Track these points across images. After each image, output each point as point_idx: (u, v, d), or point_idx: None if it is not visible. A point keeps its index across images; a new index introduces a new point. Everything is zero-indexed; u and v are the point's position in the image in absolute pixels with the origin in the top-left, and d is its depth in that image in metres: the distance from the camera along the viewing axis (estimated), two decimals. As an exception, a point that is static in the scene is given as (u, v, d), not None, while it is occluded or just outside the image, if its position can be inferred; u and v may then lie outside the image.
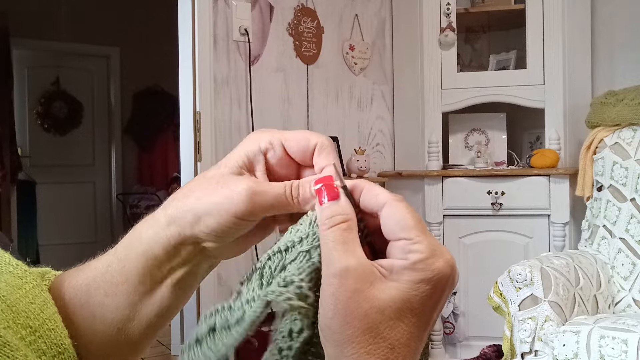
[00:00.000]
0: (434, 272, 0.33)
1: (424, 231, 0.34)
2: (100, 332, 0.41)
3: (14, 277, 0.39)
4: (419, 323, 0.33)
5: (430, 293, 0.33)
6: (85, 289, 0.42)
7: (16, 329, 0.36)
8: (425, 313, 0.33)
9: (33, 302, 0.38)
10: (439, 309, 0.34)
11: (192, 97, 2.49)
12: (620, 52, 2.84)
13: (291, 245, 0.36)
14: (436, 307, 0.34)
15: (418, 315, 0.33)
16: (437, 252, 0.34)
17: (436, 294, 0.33)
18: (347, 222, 0.34)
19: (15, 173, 4.53)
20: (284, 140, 0.41)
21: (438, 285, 0.33)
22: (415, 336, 0.33)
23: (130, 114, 5.67)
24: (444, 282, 0.33)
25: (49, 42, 5.16)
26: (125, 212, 5.44)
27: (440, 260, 0.33)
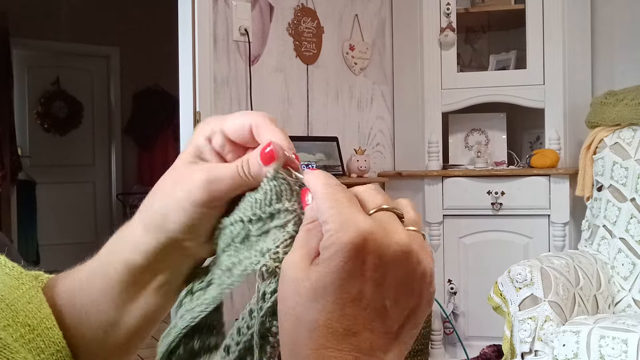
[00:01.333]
0: (341, 245, 0.31)
1: (336, 204, 0.32)
2: (88, 334, 0.42)
3: (10, 278, 0.40)
4: (339, 301, 0.31)
5: (341, 266, 0.31)
6: (72, 294, 0.42)
7: (15, 327, 0.37)
8: (344, 288, 0.31)
9: (30, 302, 0.39)
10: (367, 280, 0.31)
11: (192, 97, 2.49)
12: (620, 52, 2.84)
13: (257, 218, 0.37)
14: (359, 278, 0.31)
15: (334, 292, 0.31)
16: (346, 224, 0.31)
17: (350, 264, 0.31)
18: (312, 222, 0.34)
19: (15, 173, 4.54)
20: (223, 126, 0.41)
21: (349, 257, 0.31)
22: (337, 315, 0.31)
23: (130, 114, 5.67)
24: (357, 251, 0.31)
25: (49, 42, 5.16)
26: (125, 212, 5.44)
27: (349, 232, 0.31)
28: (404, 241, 0.32)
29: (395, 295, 0.32)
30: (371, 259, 0.31)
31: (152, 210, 0.41)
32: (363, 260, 0.31)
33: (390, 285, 0.32)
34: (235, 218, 0.38)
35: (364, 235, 0.31)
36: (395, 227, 0.33)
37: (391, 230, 0.32)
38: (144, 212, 0.42)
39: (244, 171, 0.38)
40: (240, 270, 0.36)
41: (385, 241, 0.31)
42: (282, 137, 0.39)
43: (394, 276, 0.32)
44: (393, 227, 0.32)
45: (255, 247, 0.36)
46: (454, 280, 2.79)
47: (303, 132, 2.85)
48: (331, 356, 0.31)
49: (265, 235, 0.36)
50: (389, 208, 0.34)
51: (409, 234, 0.33)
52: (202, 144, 0.41)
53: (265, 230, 0.36)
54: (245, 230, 0.37)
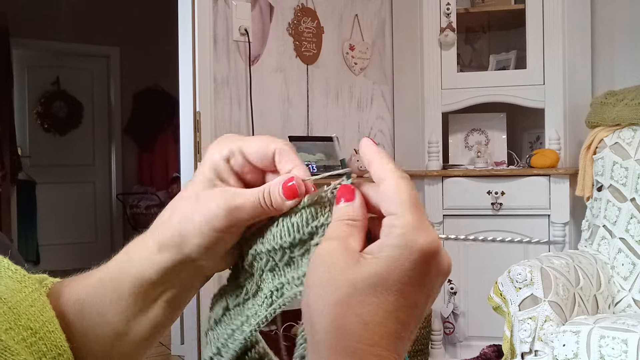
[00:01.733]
0: (412, 247, 0.31)
1: (413, 206, 0.32)
2: (95, 344, 0.42)
3: (13, 281, 0.40)
4: (397, 303, 0.31)
5: (409, 270, 0.31)
6: (80, 307, 0.42)
7: (18, 330, 0.37)
8: (405, 292, 0.31)
9: (33, 305, 0.39)
10: (424, 291, 0.32)
11: (192, 97, 2.49)
12: (620, 52, 2.84)
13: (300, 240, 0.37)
14: (419, 287, 0.31)
15: (395, 293, 0.31)
16: (420, 228, 0.31)
17: (417, 272, 0.31)
18: (353, 221, 0.34)
19: (15, 173, 4.54)
20: (243, 147, 0.41)
21: (419, 263, 0.31)
22: (393, 316, 0.31)
23: (130, 114, 5.67)
24: (426, 261, 0.31)
25: (49, 42, 5.16)
26: (125, 212, 5.44)
27: (422, 237, 0.31)
28: (450, 262, 0.33)
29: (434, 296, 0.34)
30: (433, 273, 0.32)
31: (169, 230, 0.41)
32: (428, 271, 0.31)
33: (433, 295, 0.33)
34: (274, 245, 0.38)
35: (437, 247, 0.31)
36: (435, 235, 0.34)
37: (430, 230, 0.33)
38: (160, 231, 0.41)
39: (265, 203, 0.38)
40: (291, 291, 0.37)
41: (447, 259, 0.33)
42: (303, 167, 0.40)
43: (438, 289, 0.33)
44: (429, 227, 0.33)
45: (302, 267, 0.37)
46: (454, 280, 2.79)
47: (303, 132, 2.85)
48: (383, 355, 0.31)
49: (308, 254, 0.37)
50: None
51: None
52: (221, 164, 0.41)
53: (307, 249, 0.37)
54: (288, 255, 0.38)
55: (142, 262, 0.41)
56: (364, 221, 0.35)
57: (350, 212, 0.35)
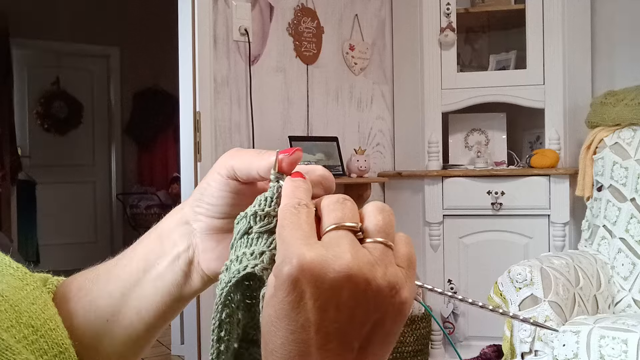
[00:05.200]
0: (281, 279, 0.32)
1: (288, 226, 0.34)
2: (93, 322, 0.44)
3: (15, 279, 0.41)
4: (289, 327, 0.32)
5: (284, 300, 0.32)
6: (96, 278, 0.45)
7: (19, 327, 0.37)
8: (290, 318, 0.32)
9: (34, 303, 0.40)
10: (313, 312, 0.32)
11: (192, 97, 2.48)
12: (620, 52, 2.84)
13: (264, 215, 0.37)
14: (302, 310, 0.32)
15: (284, 320, 0.32)
16: (287, 255, 0.32)
17: (291, 299, 0.32)
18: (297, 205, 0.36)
19: (15, 173, 4.54)
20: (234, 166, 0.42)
21: (290, 292, 0.32)
22: (291, 340, 0.32)
23: (130, 114, 5.67)
24: (295, 287, 0.32)
25: (49, 42, 5.16)
26: (125, 212, 5.44)
27: (288, 265, 0.32)
28: (343, 267, 0.31)
29: (348, 316, 0.32)
30: (310, 290, 0.31)
31: None
32: (302, 292, 0.32)
33: (338, 309, 0.32)
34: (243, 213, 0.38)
35: (301, 267, 0.31)
36: (340, 250, 0.32)
37: (334, 256, 0.32)
38: None
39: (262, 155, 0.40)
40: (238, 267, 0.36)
41: (322, 271, 0.31)
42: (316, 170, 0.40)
43: (339, 300, 0.32)
44: (337, 251, 0.32)
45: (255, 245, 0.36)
46: (454, 280, 2.79)
47: (303, 132, 2.85)
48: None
49: (268, 235, 0.36)
50: (341, 226, 0.34)
51: (355, 255, 0.32)
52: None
53: (269, 230, 0.36)
54: (247, 226, 0.37)
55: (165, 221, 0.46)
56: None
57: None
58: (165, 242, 0.44)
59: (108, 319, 0.44)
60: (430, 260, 2.83)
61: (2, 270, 0.41)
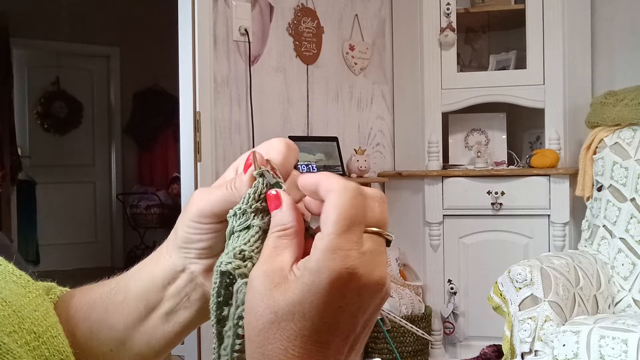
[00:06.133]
0: (323, 274, 0.31)
1: (341, 227, 0.31)
2: (95, 349, 0.43)
3: (17, 286, 0.41)
4: (314, 326, 0.31)
5: (322, 296, 0.31)
6: (91, 304, 0.44)
7: (21, 333, 0.37)
8: (322, 316, 0.31)
9: (36, 310, 0.40)
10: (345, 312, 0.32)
11: (192, 97, 2.48)
12: (620, 52, 2.84)
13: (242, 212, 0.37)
14: (336, 310, 0.31)
15: (312, 318, 0.31)
16: (337, 252, 0.31)
17: (331, 297, 0.31)
18: (283, 230, 0.34)
19: (15, 173, 4.54)
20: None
21: (331, 289, 0.31)
22: (312, 339, 0.31)
23: (130, 114, 5.67)
24: (339, 286, 0.31)
25: (49, 42, 5.16)
26: (125, 212, 5.44)
27: (336, 261, 0.31)
28: (383, 279, 0.32)
29: (366, 321, 0.33)
30: (351, 295, 0.31)
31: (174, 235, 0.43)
32: (343, 295, 0.31)
33: (362, 314, 0.33)
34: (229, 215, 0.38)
35: (352, 272, 0.31)
36: (381, 260, 0.33)
37: (376, 265, 0.32)
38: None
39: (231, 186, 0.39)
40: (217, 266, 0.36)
41: (368, 280, 0.32)
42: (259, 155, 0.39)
43: (367, 307, 0.33)
44: (378, 261, 0.33)
45: (234, 242, 0.36)
46: (454, 280, 2.79)
47: (303, 132, 2.85)
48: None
49: (245, 231, 0.36)
50: (384, 234, 0.34)
51: (385, 265, 0.33)
52: None
53: (247, 226, 0.36)
54: (231, 225, 0.37)
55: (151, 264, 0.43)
56: (296, 224, 0.34)
57: (278, 220, 0.35)
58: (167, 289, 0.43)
59: (112, 348, 0.44)
60: (430, 260, 2.83)
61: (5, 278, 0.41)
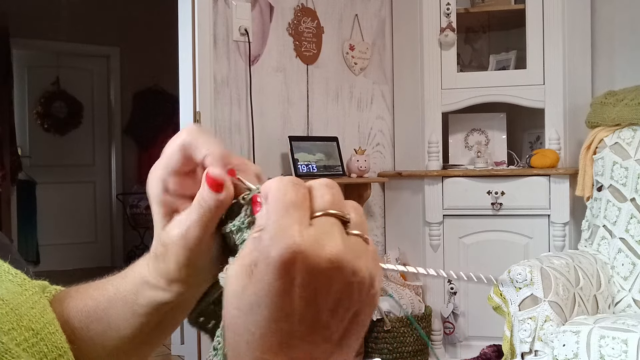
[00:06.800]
0: (266, 260, 0.30)
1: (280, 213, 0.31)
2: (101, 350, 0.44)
3: (14, 285, 0.42)
4: (273, 315, 0.30)
5: (271, 284, 0.30)
6: (86, 317, 0.44)
7: (20, 330, 0.38)
8: (277, 304, 0.30)
9: (34, 307, 0.40)
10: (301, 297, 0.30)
11: (192, 97, 2.49)
12: (620, 52, 2.84)
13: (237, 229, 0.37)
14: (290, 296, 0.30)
15: (268, 307, 0.30)
16: (276, 238, 0.30)
17: (280, 283, 0.30)
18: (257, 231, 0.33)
19: (15, 173, 4.54)
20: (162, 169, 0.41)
21: (279, 277, 0.30)
22: (273, 328, 0.31)
23: (130, 114, 5.67)
24: (284, 270, 0.30)
25: (49, 42, 5.16)
26: (125, 212, 5.44)
27: (276, 247, 0.30)
28: (336, 256, 0.30)
29: (332, 307, 0.31)
30: (300, 276, 0.30)
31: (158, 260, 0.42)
32: (292, 278, 0.30)
33: (324, 299, 0.31)
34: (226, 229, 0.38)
35: (293, 251, 0.30)
36: (332, 238, 0.31)
37: (326, 243, 0.31)
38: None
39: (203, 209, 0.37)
40: None
41: (315, 258, 0.30)
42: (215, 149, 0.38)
43: (328, 290, 0.31)
44: (329, 239, 0.31)
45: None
46: (454, 280, 2.79)
47: (303, 132, 2.85)
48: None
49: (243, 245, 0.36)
50: (334, 213, 0.32)
51: (346, 244, 0.31)
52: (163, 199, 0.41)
53: (243, 240, 0.36)
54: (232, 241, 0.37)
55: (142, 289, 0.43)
56: None
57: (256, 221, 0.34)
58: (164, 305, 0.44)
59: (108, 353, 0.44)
60: (430, 260, 2.83)
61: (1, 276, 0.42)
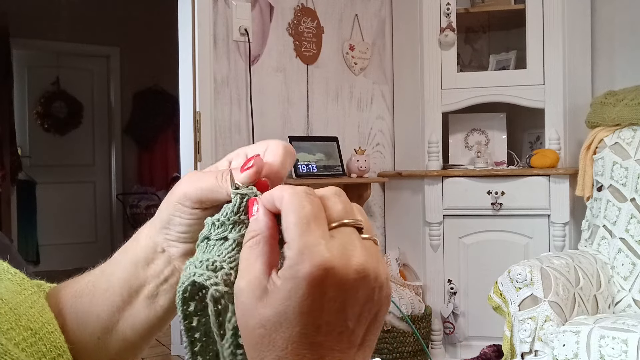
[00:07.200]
0: (298, 278, 0.31)
1: (300, 229, 0.32)
2: (84, 339, 0.43)
3: (13, 284, 0.42)
4: (304, 330, 0.31)
5: (303, 301, 0.31)
6: (78, 295, 0.44)
7: (18, 330, 0.38)
8: (309, 319, 0.31)
9: (32, 307, 0.40)
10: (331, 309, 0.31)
11: (192, 97, 2.49)
12: (620, 52, 2.84)
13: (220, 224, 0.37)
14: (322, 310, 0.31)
15: (299, 323, 0.31)
16: (304, 255, 0.31)
17: (311, 299, 0.31)
18: (254, 237, 0.34)
19: (15, 173, 4.54)
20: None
21: (310, 291, 0.31)
22: (304, 343, 0.31)
23: (130, 114, 5.67)
24: (316, 285, 0.31)
25: (49, 42, 5.16)
26: (125, 212, 5.44)
27: (306, 264, 0.31)
28: (362, 266, 0.32)
29: (358, 314, 0.33)
30: (331, 291, 0.31)
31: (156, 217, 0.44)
32: (323, 293, 0.31)
33: (351, 308, 0.32)
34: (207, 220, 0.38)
35: (324, 267, 0.31)
36: (355, 248, 0.32)
37: (351, 255, 0.32)
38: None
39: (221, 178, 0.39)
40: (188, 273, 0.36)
41: (345, 271, 0.31)
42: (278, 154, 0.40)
43: (355, 299, 0.32)
44: (353, 250, 0.32)
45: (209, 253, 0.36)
46: (454, 280, 2.79)
47: (303, 132, 2.85)
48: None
49: (221, 242, 0.36)
50: (350, 223, 0.33)
51: (366, 253, 0.33)
52: None
53: (223, 237, 0.36)
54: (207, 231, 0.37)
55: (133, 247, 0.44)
56: (266, 231, 0.34)
57: (250, 227, 0.35)
58: (147, 269, 0.43)
59: (99, 336, 0.44)
60: (430, 260, 2.83)
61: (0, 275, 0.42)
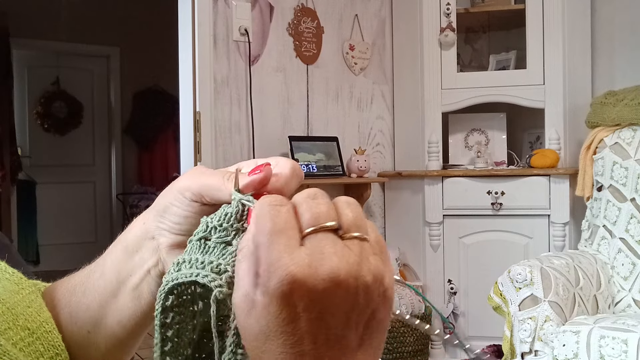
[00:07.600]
0: (270, 295, 0.31)
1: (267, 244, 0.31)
2: (75, 334, 0.43)
3: (11, 283, 0.42)
4: (288, 342, 0.31)
5: (277, 317, 0.31)
6: (72, 289, 0.44)
7: (16, 330, 0.38)
8: (288, 331, 0.31)
9: (30, 306, 0.40)
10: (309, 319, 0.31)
11: (192, 97, 2.49)
12: (620, 52, 2.84)
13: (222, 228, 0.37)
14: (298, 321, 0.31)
15: (280, 336, 0.31)
16: (270, 271, 0.31)
17: (285, 315, 0.31)
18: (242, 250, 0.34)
19: (15, 173, 4.54)
20: None
21: (282, 308, 0.31)
22: (290, 354, 0.31)
23: (130, 114, 5.67)
24: (285, 299, 0.30)
25: (49, 42, 5.16)
26: (125, 212, 5.44)
27: (273, 280, 0.30)
28: (333, 272, 0.31)
29: (343, 319, 0.32)
30: (303, 302, 0.31)
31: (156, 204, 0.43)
32: (294, 305, 0.31)
33: (332, 315, 0.31)
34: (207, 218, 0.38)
35: (288, 281, 0.30)
36: (325, 255, 0.31)
37: (320, 262, 0.31)
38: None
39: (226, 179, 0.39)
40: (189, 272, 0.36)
41: (312, 281, 0.30)
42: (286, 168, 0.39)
43: (334, 305, 0.31)
44: (322, 257, 0.31)
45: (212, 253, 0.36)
46: (454, 280, 2.79)
47: (303, 132, 2.85)
48: None
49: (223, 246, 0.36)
50: (321, 227, 0.32)
51: (341, 256, 0.31)
52: None
53: (225, 241, 0.36)
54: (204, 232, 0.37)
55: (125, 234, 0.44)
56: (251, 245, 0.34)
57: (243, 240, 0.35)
58: (134, 257, 0.43)
59: (89, 330, 0.44)
60: (430, 260, 2.83)
61: None
